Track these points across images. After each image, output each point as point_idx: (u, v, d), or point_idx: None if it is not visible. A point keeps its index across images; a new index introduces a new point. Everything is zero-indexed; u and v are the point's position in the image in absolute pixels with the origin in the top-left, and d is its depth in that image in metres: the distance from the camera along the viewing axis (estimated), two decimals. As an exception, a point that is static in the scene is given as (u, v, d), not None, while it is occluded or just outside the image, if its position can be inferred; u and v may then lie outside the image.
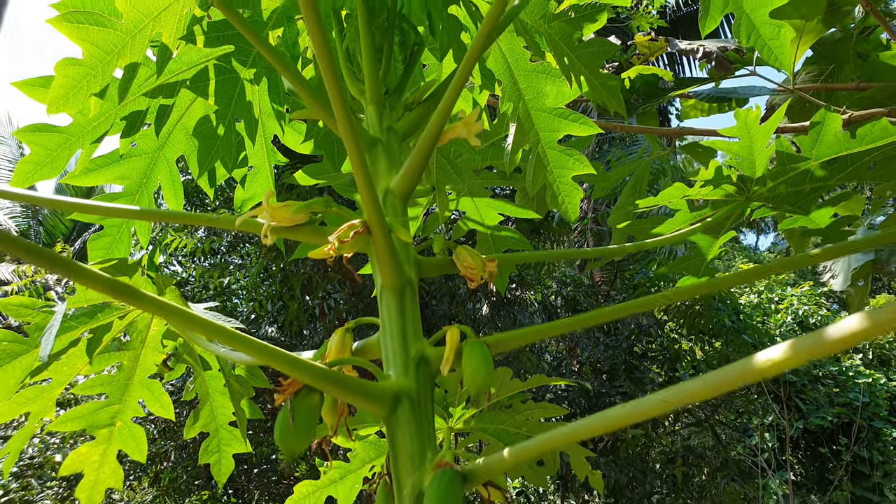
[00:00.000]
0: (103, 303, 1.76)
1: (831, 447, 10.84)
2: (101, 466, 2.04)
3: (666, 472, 4.71)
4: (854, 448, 9.34)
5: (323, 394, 0.90)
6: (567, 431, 0.69)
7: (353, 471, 2.10)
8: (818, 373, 11.00)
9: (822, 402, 10.53)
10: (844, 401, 10.68)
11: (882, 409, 10.80)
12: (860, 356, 12.90)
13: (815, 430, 10.65)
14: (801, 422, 10.31)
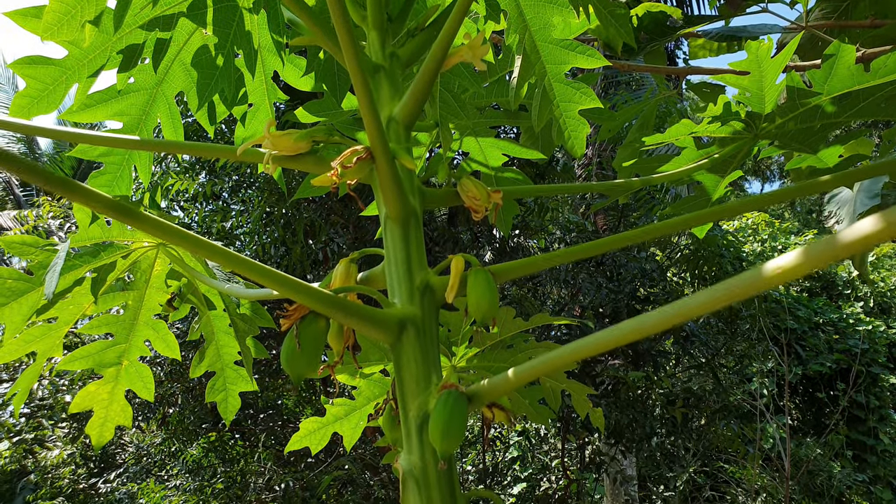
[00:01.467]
0: (106, 242, 1.76)
1: (829, 393, 11.00)
2: (109, 404, 2.07)
3: (666, 414, 4.78)
4: (851, 393, 9.46)
5: (329, 320, 0.90)
6: (572, 349, 0.69)
7: (357, 408, 2.12)
8: (819, 320, 11.07)
9: (821, 349, 10.63)
10: (844, 347, 10.78)
11: (881, 356, 10.91)
12: (861, 304, 12.96)
13: (813, 376, 10.79)
14: (799, 368, 10.43)
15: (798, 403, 11.39)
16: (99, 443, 2.07)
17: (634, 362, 4.26)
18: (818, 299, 11.84)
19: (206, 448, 6.38)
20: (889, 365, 11.14)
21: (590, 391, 2.12)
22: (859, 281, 13.76)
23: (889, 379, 11.09)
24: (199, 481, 5.66)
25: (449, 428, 0.84)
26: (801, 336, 10.70)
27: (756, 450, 6.66)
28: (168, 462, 6.65)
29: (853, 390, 9.49)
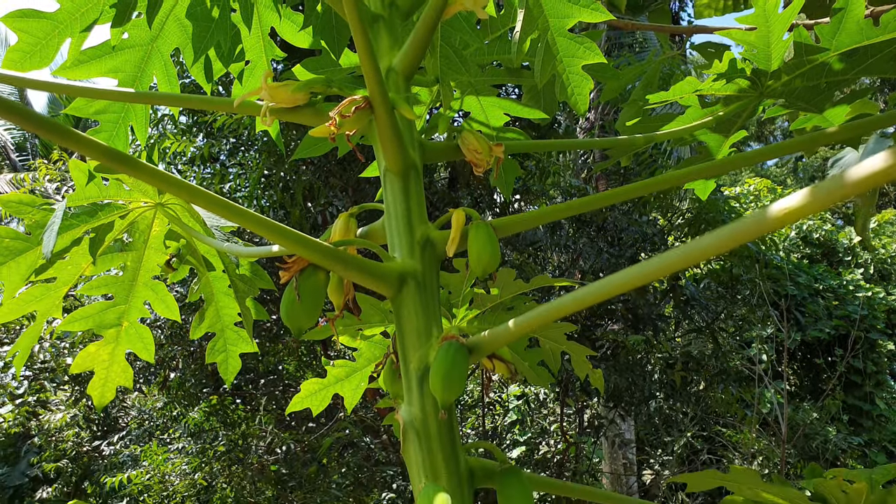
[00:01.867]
0: (103, 201, 1.75)
1: (827, 358, 11.08)
2: (110, 365, 2.07)
3: (665, 377, 4.81)
4: (849, 357, 9.51)
5: (328, 273, 0.89)
6: (572, 297, 0.68)
7: (358, 369, 2.13)
8: (819, 286, 11.09)
9: (820, 315, 10.68)
10: (843, 314, 10.82)
11: (879, 322, 10.97)
12: (861, 271, 12.98)
13: (812, 342, 10.85)
14: (798, 334, 10.49)
15: (796, 369, 11.48)
16: (100, 403, 2.08)
17: (634, 327, 4.27)
18: (818, 266, 11.85)
19: (207, 412, 6.45)
20: (887, 331, 11.20)
21: (589, 352, 2.12)
22: (860, 248, 13.76)
23: (887, 345, 11.16)
24: (200, 444, 5.73)
25: (449, 378, 0.83)
26: (800, 302, 10.74)
27: (754, 413, 6.73)
28: (170, 426, 6.72)
29: (851, 354, 9.55)
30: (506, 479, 0.93)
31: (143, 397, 7.07)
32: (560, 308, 0.70)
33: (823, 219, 14.16)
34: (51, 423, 6.55)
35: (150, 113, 5.77)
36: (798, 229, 13.09)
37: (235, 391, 7.19)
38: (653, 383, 4.92)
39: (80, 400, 6.28)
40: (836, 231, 13.88)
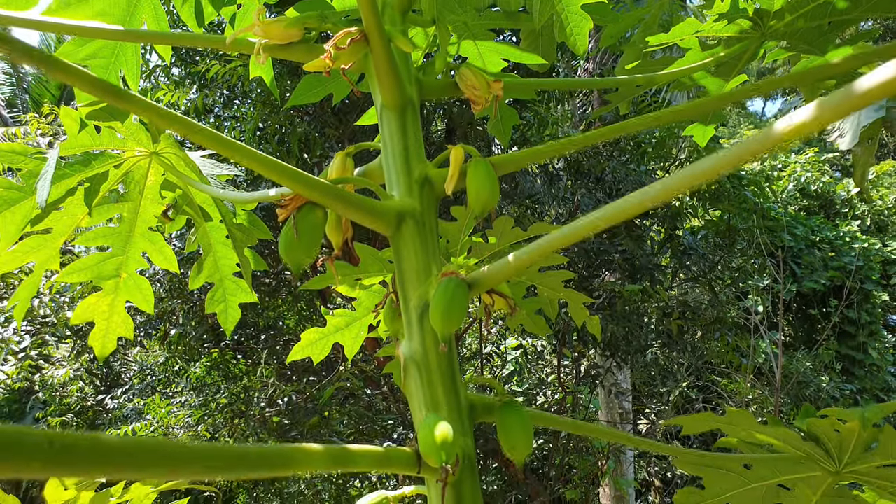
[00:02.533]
0: (97, 150, 1.73)
1: (821, 309, 11.17)
2: (110, 316, 2.08)
3: (661, 326, 4.85)
4: (842, 306, 9.58)
5: (326, 211, 0.88)
6: (571, 227, 0.68)
7: (357, 319, 2.14)
8: (815, 238, 11.12)
9: (816, 267, 10.72)
10: (839, 265, 10.87)
11: (875, 273, 11.03)
12: (858, 223, 13.00)
13: (807, 293, 10.93)
14: (794, 285, 10.56)
15: (791, 320, 11.59)
16: (102, 354, 2.10)
17: (631, 277, 4.28)
18: (816, 217, 11.86)
19: (208, 367, 6.51)
20: (882, 282, 11.27)
21: (586, 299, 2.13)
22: (857, 199, 13.74)
23: (881, 296, 11.25)
24: (203, 397, 5.81)
25: (449, 311, 0.84)
26: (796, 254, 10.78)
27: (749, 361, 6.81)
28: (172, 380, 6.79)
29: (845, 303, 9.61)
30: (505, 412, 0.95)
31: (144, 353, 7.13)
32: (560, 239, 0.70)
33: (822, 171, 14.11)
34: (54, 378, 6.62)
35: (142, 65, 5.62)
36: (796, 181, 13.06)
37: (236, 346, 7.25)
38: (649, 332, 4.96)
39: (83, 354, 6.33)
40: (835, 183, 13.85)
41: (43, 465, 0.42)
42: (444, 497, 0.82)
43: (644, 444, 1.19)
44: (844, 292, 9.30)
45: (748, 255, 6.51)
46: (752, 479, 1.74)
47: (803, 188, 13.38)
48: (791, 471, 1.68)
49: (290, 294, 6.08)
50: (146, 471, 0.49)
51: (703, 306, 5.19)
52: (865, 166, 5.01)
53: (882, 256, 11.49)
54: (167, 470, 0.51)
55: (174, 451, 0.50)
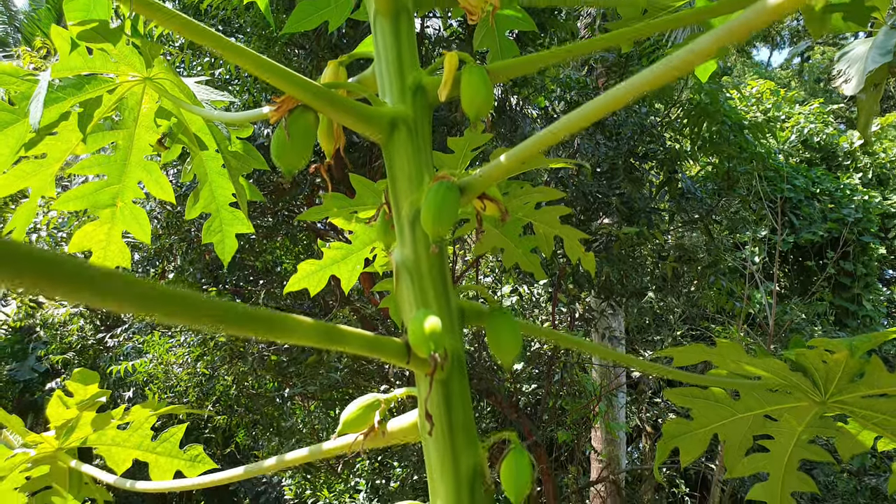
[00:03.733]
0: (89, 73, 1.70)
1: (818, 261, 11.21)
2: (107, 245, 2.08)
3: (657, 269, 4.88)
4: (837, 256, 9.61)
5: (318, 115, 0.88)
6: (567, 121, 0.67)
7: (354, 251, 2.14)
8: (816, 189, 11.08)
9: (815, 218, 10.72)
10: (837, 216, 10.86)
11: (873, 226, 11.03)
12: (860, 175, 12.94)
13: (804, 245, 10.95)
14: (792, 236, 10.57)
15: (787, 272, 11.65)
16: (100, 282, 2.11)
17: (629, 220, 4.29)
18: (817, 169, 11.80)
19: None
20: (880, 234, 11.29)
21: (582, 235, 2.13)
22: (860, 152, 13.65)
23: (878, 249, 11.28)
24: (201, 336, 5.87)
25: (440, 213, 0.84)
26: (796, 205, 10.76)
27: (742, 306, 6.87)
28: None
29: (841, 251, 9.63)
30: (494, 316, 0.96)
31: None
32: (551, 135, 0.69)
33: (826, 122, 13.96)
34: (55, 317, 6.68)
35: None
36: (799, 133, 12.93)
37: (234, 290, 7.29)
38: (644, 275, 4.99)
39: None
40: (838, 135, 13.72)
41: (33, 279, 0.44)
42: (433, 391, 0.84)
43: (635, 363, 1.22)
44: (841, 241, 9.30)
45: (747, 200, 6.49)
46: (739, 409, 1.78)
47: (806, 140, 13.27)
48: (778, 401, 1.71)
49: (287, 236, 6.09)
50: (126, 302, 0.50)
51: (699, 250, 5.21)
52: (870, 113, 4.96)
53: (881, 209, 11.47)
54: (140, 305, 0.52)
55: (151, 290, 0.52)
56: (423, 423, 0.86)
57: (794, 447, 1.83)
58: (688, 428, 1.82)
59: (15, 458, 1.69)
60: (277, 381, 6.57)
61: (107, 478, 1.58)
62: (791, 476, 1.91)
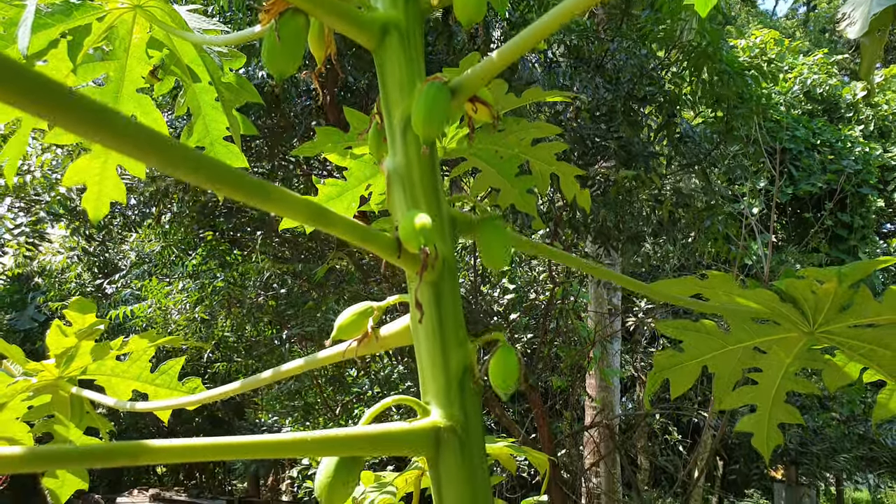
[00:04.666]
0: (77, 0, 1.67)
1: (815, 213, 11.22)
2: (102, 179, 2.08)
3: (654, 214, 4.90)
4: (835, 203, 9.59)
5: (308, 18, 0.87)
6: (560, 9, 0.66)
7: (349, 189, 2.14)
8: (816, 140, 11.01)
9: (815, 170, 10.68)
10: (837, 168, 10.82)
11: (872, 177, 11.00)
12: (861, 127, 12.84)
13: (803, 196, 10.94)
14: (790, 188, 10.55)
15: (785, 224, 11.66)
16: (96, 216, 2.11)
17: (627, 164, 4.28)
18: (818, 120, 11.70)
19: (204, 256, 6.57)
20: (879, 186, 11.27)
21: (579, 172, 2.13)
22: (863, 104, 13.51)
23: (877, 202, 11.27)
24: (199, 281, 5.90)
25: (431, 112, 0.84)
26: (796, 156, 10.71)
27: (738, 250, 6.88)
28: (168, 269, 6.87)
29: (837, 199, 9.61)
30: (485, 226, 0.97)
31: (140, 242, 7.18)
32: (543, 27, 0.69)
33: (830, 73, 13.78)
34: (52, 264, 6.69)
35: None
36: (802, 83, 12.77)
37: (231, 240, 7.29)
38: (641, 220, 4.99)
39: (79, 229, 6.36)
40: (841, 86, 13.55)
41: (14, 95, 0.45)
42: (423, 289, 0.85)
43: (633, 285, 1.23)
44: (838, 190, 9.27)
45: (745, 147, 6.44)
46: (730, 341, 1.80)
47: (808, 91, 13.12)
48: (767, 333, 1.73)
49: (283, 181, 6.06)
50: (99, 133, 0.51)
51: (696, 195, 5.20)
52: (873, 57, 4.89)
53: (881, 162, 11.43)
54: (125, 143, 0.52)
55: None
56: (414, 313, 0.87)
57: (782, 379, 1.86)
58: (678, 360, 1.85)
59: (17, 385, 1.72)
60: (276, 329, 6.63)
61: (107, 401, 1.61)
62: (778, 408, 1.95)
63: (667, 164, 5.17)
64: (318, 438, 0.72)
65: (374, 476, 1.92)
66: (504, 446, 1.99)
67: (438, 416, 0.79)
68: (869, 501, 24.65)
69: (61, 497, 2.05)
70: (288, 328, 5.52)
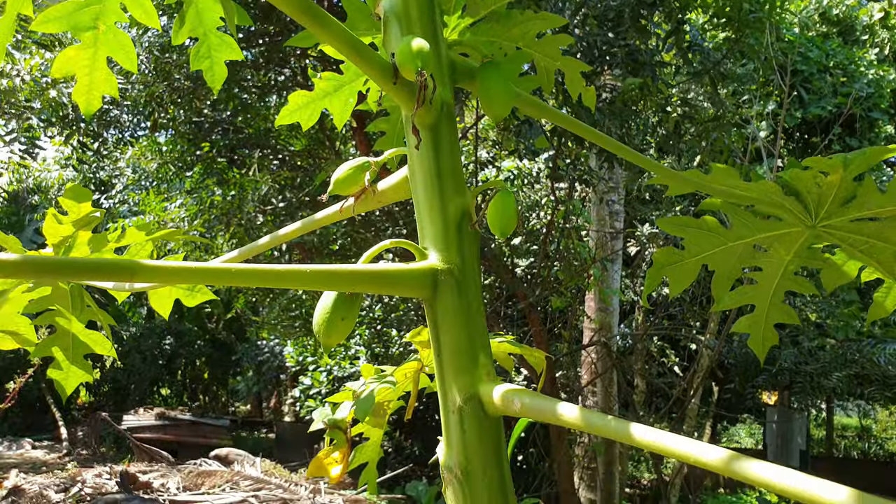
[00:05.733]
0: None
1: (823, 138, 11.05)
2: (92, 71, 2.03)
3: (660, 127, 4.80)
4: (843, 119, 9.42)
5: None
6: None
7: (346, 83, 2.08)
8: (829, 62, 10.72)
9: (825, 93, 10.44)
10: (848, 91, 10.59)
11: (884, 101, 10.78)
12: (876, 50, 12.49)
13: (812, 120, 10.74)
14: (800, 111, 10.35)
15: (792, 149, 11.51)
16: (87, 110, 2.06)
17: (633, 73, 4.16)
18: (833, 41, 11.36)
19: (202, 174, 6.51)
20: (890, 111, 11.05)
21: (584, 67, 2.06)
22: (879, 26, 13.09)
23: (886, 127, 11.08)
24: (197, 196, 5.87)
25: None
26: (807, 78, 10.45)
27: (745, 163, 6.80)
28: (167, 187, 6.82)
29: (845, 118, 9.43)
30: (485, 70, 0.94)
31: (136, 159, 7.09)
32: None
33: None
34: (47, 181, 6.65)
35: None
36: (818, 3, 12.34)
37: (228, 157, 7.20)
38: (647, 130, 4.89)
39: (72, 136, 6.28)
40: (858, 7, 13.10)
41: None
42: (422, 134, 0.83)
43: (631, 155, 1.20)
44: (846, 110, 9.07)
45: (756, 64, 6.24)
46: (730, 238, 1.79)
47: (824, 12, 12.69)
48: (769, 229, 1.72)
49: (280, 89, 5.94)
50: None
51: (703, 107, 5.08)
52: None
53: (894, 85, 11.17)
54: None
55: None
56: (411, 138, 0.86)
57: (781, 279, 1.86)
58: (679, 257, 1.84)
59: (14, 272, 1.72)
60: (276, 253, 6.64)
61: (104, 284, 1.62)
62: (775, 308, 1.96)
63: (674, 73, 5.02)
64: (319, 270, 0.71)
65: (375, 369, 1.95)
66: (501, 342, 2.01)
67: (436, 259, 0.79)
68: (857, 426, 25.37)
69: (66, 388, 2.08)
70: (286, 240, 5.50)
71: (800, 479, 0.43)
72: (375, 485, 1.74)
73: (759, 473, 0.46)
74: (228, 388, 26.62)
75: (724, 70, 4.63)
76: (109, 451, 16.17)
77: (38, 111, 6.02)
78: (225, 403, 26.86)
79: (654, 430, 0.54)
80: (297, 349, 15.03)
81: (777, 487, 0.44)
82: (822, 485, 0.42)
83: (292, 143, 6.89)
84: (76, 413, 20.80)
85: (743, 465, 0.47)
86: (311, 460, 1.46)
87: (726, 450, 0.50)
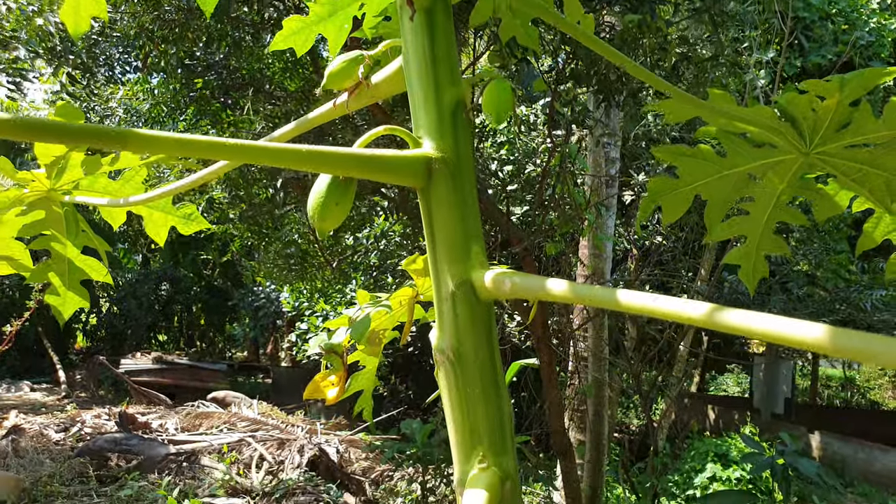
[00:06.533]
0: None
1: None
2: (81, -9, 1.99)
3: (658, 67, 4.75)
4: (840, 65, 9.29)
5: None
6: None
7: (341, 7, 2.04)
8: (832, 9, 10.55)
9: (826, 41, 10.30)
10: (849, 39, 10.44)
11: (884, 50, 10.65)
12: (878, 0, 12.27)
13: (811, 69, 10.63)
14: (799, 60, 10.23)
15: (789, 98, 11.36)
16: (76, 32, 2.02)
17: (632, 10, 4.09)
18: (836, -14, 11.16)
19: (195, 114, 6.43)
20: (890, 60, 10.93)
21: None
22: (884, -27, 12.82)
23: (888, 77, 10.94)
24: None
25: None
26: (808, 26, 10.30)
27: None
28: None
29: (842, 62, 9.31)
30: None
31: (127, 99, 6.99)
32: None
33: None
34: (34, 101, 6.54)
35: None
36: (824, -53, 12.05)
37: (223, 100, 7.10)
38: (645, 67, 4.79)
39: (60, 68, 6.18)
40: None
41: None
42: (416, 19, 0.83)
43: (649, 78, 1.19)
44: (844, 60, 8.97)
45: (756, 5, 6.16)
46: (725, 166, 1.79)
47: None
48: (763, 157, 1.72)
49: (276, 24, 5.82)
50: None
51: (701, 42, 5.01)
52: None
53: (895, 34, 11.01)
54: None
55: None
56: (405, 12, 0.85)
57: (773, 209, 1.87)
58: (673, 186, 1.85)
59: (9, 192, 1.72)
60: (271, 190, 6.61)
61: (99, 201, 1.62)
62: (767, 239, 1.97)
63: (674, 10, 4.94)
64: (313, 151, 0.72)
65: (371, 295, 1.97)
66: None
67: (430, 147, 0.79)
68: (841, 377, 25.92)
69: (64, 314, 2.10)
70: (282, 175, 5.50)
71: (779, 323, 0.45)
72: (371, 412, 1.77)
73: (739, 321, 0.47)
74: (225, 335, 26.80)
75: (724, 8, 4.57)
76: (108, 394, 16.40)
77: (24, 41, 5.90)
78: (222, 349, 27.11)
79: (639, 293, 0.56)
80: (294, 295, 15.14)
81: (758, 332, 0.46)
82: (801, 324, 0.44)
83: (286, 83, 6.79)
84: (73, 357, 21.00)
85: (724, 315, 0.49)
86: (309, 384, 1.49)
87: (707, 303, 0.52)
